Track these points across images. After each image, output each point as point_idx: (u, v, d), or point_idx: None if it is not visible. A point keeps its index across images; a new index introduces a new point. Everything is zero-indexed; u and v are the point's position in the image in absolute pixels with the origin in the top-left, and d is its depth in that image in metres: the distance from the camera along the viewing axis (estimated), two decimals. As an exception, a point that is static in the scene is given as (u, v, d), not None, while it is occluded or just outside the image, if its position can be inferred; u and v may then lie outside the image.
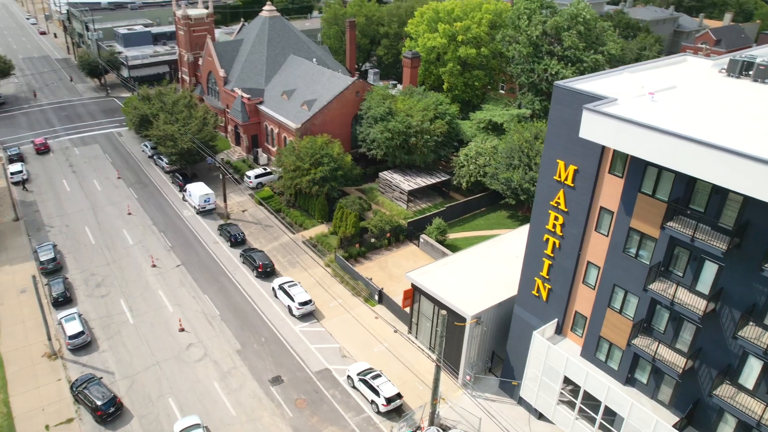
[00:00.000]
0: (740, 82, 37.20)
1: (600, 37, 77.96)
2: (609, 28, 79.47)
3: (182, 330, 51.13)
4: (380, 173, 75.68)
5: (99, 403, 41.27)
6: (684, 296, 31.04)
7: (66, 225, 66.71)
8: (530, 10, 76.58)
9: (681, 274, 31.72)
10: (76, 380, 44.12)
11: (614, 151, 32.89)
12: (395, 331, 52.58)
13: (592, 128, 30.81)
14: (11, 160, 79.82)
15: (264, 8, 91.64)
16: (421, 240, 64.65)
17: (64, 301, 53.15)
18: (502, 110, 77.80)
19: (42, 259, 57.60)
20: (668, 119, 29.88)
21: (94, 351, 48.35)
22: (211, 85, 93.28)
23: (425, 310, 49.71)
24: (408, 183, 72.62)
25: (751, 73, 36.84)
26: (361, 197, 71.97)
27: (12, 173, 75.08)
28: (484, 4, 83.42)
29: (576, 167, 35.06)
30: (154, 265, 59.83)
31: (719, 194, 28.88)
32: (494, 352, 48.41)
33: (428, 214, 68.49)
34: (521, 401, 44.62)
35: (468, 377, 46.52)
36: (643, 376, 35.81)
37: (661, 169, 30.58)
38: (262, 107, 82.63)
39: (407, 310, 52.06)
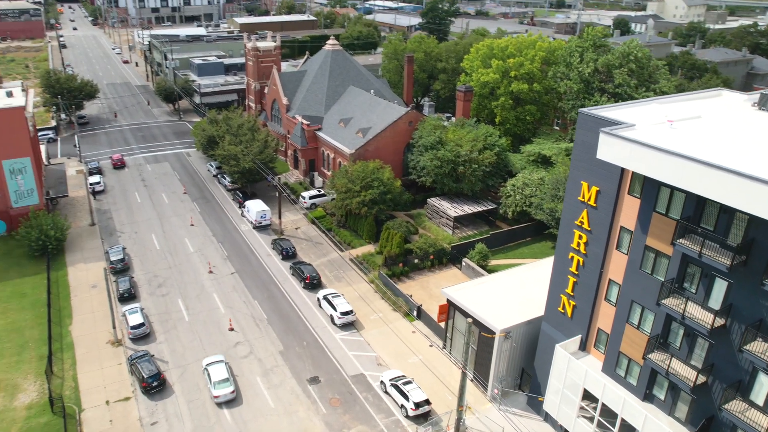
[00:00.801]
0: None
1: (653, 75, 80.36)
2: (663, 66, 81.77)
3: (232, 329, 56.09)
4: (429, 200, 79.71)
5: (145, 375, 47.32)
6: (695, 311, 33.30)
7: (135, 232, 73.88)
8: (582, 48, 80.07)
9: (694, 291, 34.03)
10: (131, 355, 50.49)
11: (633, 173, 35.90)
12: (431, 345, 55.74)
13: (608, 150, 34.10)
14: (91, 173, 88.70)
15: (328, 42, 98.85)
16: (464, 264, 67.87)
17: (129, 297, 59.36)
18: (552, 144, 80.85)
19: (112, 259, 64.41)
20: (681, 143, 32.84)
21: (152, 342, 53.86)
22: (275, 112, 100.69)
23: (459, 325, 52.77)
24: (454, 209, 76.28)
25: (779, 106, 39.21)
26: (409, 221, 76.07)
27: (91, 184, 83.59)
28: (538, 42, 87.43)
29: (598, 188, 38.15)
30: (210, 272, 65.59)
31: (727, 213, 31.42)
32: (524, 369, 50.76)
33: (472, 239, 71.78)
34: (547, 417, 46.71)
35: (496, 390, 49.05)
36: (660, 393, 37.71)
37: (672, 190, 33.40)
38: (320, 133, 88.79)
39: (442, 324, 55.25)
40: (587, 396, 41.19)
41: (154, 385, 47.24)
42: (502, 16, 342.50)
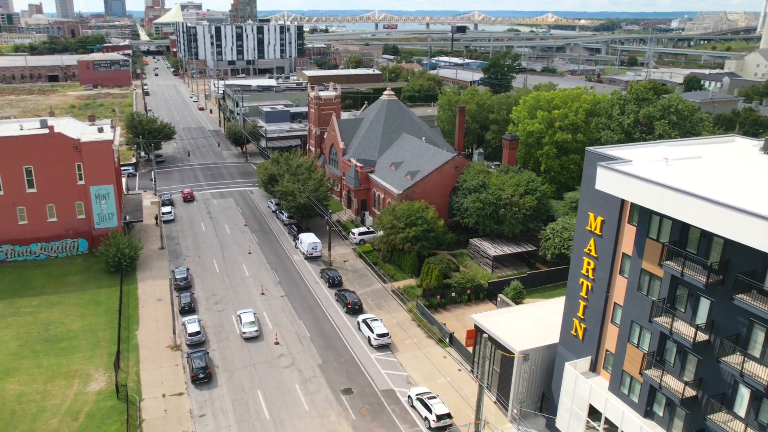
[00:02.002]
0: (769, 158, 44.20)
1: (696, 126, 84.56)
2: (706, 119, 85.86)
3: (277, 343, 62.98)
4: (471, 240, 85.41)
5: (195, 367, 55.22)
6: (682, 327, 37.65)
7: (198, 256, 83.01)
8: (623, 100, 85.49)
9: (683, 310, 38.46)
10: (189, 347, 58.71)
11: (631, 204, 41.14)
12: (459, 369, 60.63)
13: (604, 181, 39.72)
14: (164, 204, 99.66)
15: (384, 93, 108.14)
16: (499, 299, 72.74)
17: (188, 310, 67.58)
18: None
19: (177, 277, 73.26)
20: (669, 176, 38.06)
21: (206, 348, 61.29)
22: (333, 156, 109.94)
23: (485, 350, 57.66)
24: (494, 249, 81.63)
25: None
26: (451, 259, 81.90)
27: (163, 213, 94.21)
28: (583, 95, 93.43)
29: (603, 218, 43.44)
30: (263, 293, 73.27)
31: (706, 237, 36.20)
32: (544, 393, 54.85)
33: (509, 277, 76.69)
34: (561, 438, 50.52)
35: (515, 411, 53.31)
36: (659, 409, 41.54)
37: (661, 217, 38.46)
38: (372, 176, 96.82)
39: (470, 349, 60.18)
40: (595, 413, 45.17)
41: (201, 377, 55.18)
42: (570, 73, 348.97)
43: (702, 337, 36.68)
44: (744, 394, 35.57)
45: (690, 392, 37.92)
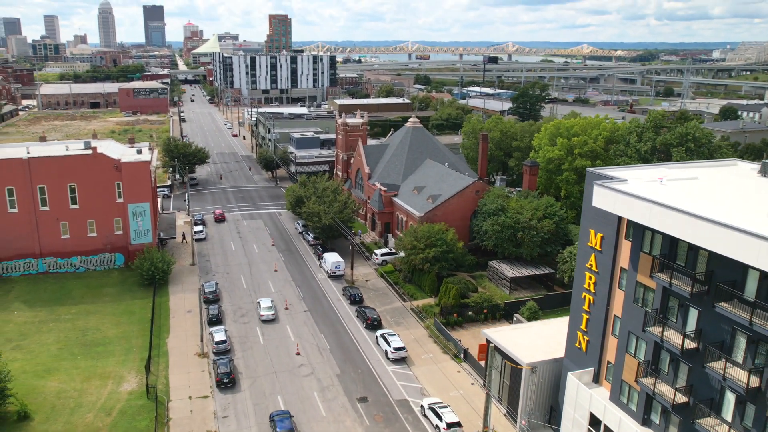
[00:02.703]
0: (765, 180, 47.09)
1: (714, 154, 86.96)
2: (725, 146, 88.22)
3: (298, 354, 66.91)
4: (490, 262, 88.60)
5: (220, 372, 59.54)
6: (672, 335, 40.52)
7: (227, 272, 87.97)
8: (641, 127, 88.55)
9: (674, 320, 41.33)
10: (216, 355, 62.79)
11: (627, 220, 44.40)
12: (472, 384, 63.57)
13: (600, 198, 43.18)
14: (196, 223, 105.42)
15: (409, 120, 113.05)
16: (514, 318, 75.58)
17: (216, 321, 72.13)
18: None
19: (206, 290, 78.17)
20: (660, 194, 41.33)
21: (231, 356, 65.53)
22: (358, 180, 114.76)
23: (496, 364, 60.61)
24: (512, 271, 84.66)
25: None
26: (470, 280, 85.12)
27: (195, 232, 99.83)
28: (602, 122, 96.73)
29: (602, 234, 46.71)
30: (287, 308, 77.54)
31: (692, 250, 39.26)
32: (552, 406, 57.41)
33: (525, 298, 79.54)
34: (567, 449, 52.95)
35: (524, 422, 55.98)
36: (656, 417, 44.10)
37: (653, 232, 41.66)
38: (395, 199, 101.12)
39: (482, 363, 63.12)
40: (598, 423, 47.74)
41: (225, 382, 59.31)
42: (603, 103, 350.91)
43: (690, 344, 39.45)
44: (730, 399, 38.13)
45: (681, 398, 40.53)
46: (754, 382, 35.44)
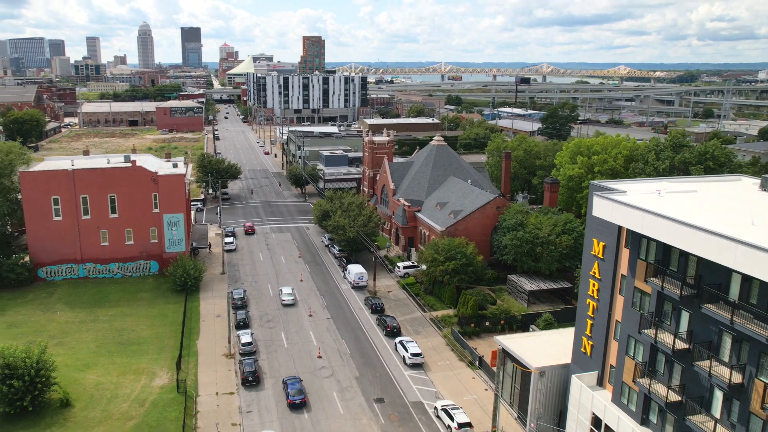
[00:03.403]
0: (764, 194, 50.01)
1: (734, 173, 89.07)
2: (744, 166, 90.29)
3: (320, 357, 71.06)
4: (509, 276, 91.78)
5: (245, 371, 63.90)
6: (665, 337, 43.58)
7: (255, 281, 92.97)
8: (660, 146, 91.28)
9: (668, 322, 44.40)
10: (242, 356, 67.41)
11: (627, 230, 47.74)
12: (486, 389, 66.75)
13: (599, 208, 46.73)
14: (227, 235, 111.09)
15: (434, 138, 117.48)
16: (530, 329, 78.56)
17: (243, 325, 76.87)
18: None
19: (234, 297, 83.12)
20: (654, 204, 44.71)
21: (256, 357, 70.04)
22: (384, 196, 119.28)
23: (508, 369, 63.80)
24: (531, 285, 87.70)
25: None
26: (489, 293, 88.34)
27: (226, 243, 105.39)
28: (623, 141, 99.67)
29: (604, 243, 50.08)
30: (310, 315, 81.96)
31: (684, 256, 42.46)
32: (561, 411, 60.25)
33: (541, 311, 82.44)
34: (573, 451, 55.76)
35: (533, 425, 58.95)
36: (654, 417, 46.93)
37: (648, 240, 44.96)
38: (419, 214, 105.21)
39: (495, 369, 66.29)
40: (599, 424, 50.62)
41: (250, 380, 63.77)
42: (637, 125, 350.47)
43: (681, 345, 42.48)
44: (718, 397, 40.97)
45: (674, 397, 43.43)
46: (737, 378, 38.35)
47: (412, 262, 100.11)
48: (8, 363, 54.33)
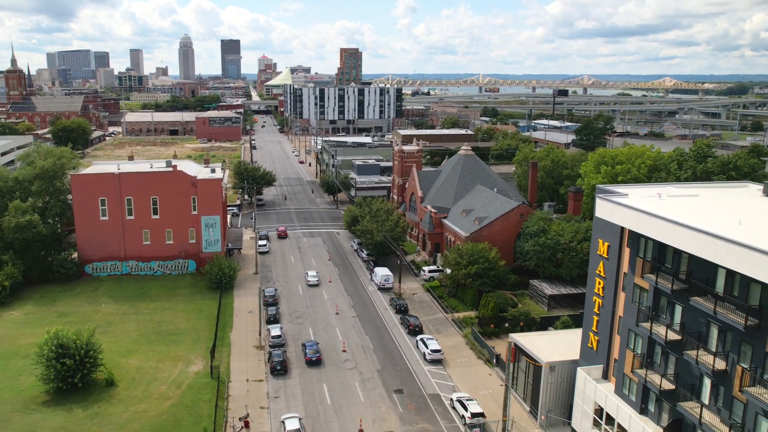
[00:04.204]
0: (765, 199, 53.44)
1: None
2: None
3: (344, 351, 76.15)
4: (531, 281, 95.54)
5: (274, 361, 69.32)
6: (659, 329, 47.37)
7: (286, 281, 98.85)
8: (683, 156, 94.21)
9: (664, 316, 48.19)
10: (271, 347, 72.96)
11: (629, 230, 51.69)
12: (501, 385, 70.74)
13: (602, 209, 50.93)
14: (260, 238, 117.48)
15: (462, 148, 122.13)
16: (549, 331, 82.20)
17: (273, 320, 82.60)
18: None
19: (266, 294, 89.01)
20: (651, 206, 48.66)
21: (284, 349, 75.54)
22: (412, 203, 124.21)
23: (522, 366, 67.79)
24: (551, 289, 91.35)
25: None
26: (511, 297, 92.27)
27: (259, 245, 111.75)
28: (646, 152, 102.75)
29: (608, 243, 54.08)
30: (337, 313, 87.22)
31: (677, 254, 46.31)
32: (571, 405, 63.89)
33: (560, 314, 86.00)
34: (580, 441, 59.44)
35: (543, 417, 62.80)
36: (652, 406, 50.57)
37: (645, 239, 48.89)
38: (445, 221, 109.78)
39: (510, 365, 70.27)
40: (606, 420, 54.33)
41: (278, 369, 69.20)
42: (679, 138, 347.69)
43: (673, 336, 46.26)
44: (707, 384, 44.60)
45: (667, 385, 47.12)
46: (720, 365, 42.03)
47: (437, 267, 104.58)
48: (62, 343, 60.91)
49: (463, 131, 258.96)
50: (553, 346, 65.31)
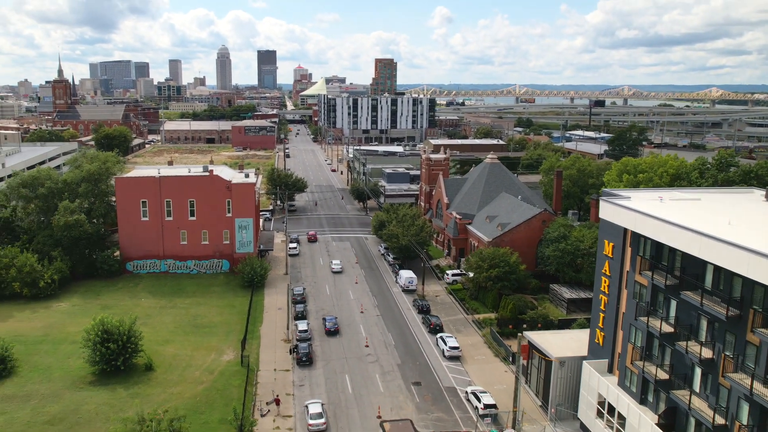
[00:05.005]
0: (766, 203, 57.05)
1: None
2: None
3: (367, 346, 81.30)
4: (551, 285, 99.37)
5: (301, 353, 74.89)
6: (656, 323, 51.31)
7: (314, 282, 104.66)
8: (704, 165, 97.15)
9: (661, 311, 52.15)
10: (298, 341, 78.40)
11: (631, 231, 55.77)
12: (516, 379, 74.88)
13: (605, 211, 55.26)
14: (291, 241, 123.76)
15: (488, 156, 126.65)
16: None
17: (301, 317, 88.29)
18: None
19: (295, 293, 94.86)
20: (651, 208, 52.76)
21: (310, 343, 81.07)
22: (438, 210, 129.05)
23: (535, 362, 71.93)
24: (570, 293, 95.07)
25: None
26: (531, 300, 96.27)
27: (290, 248, 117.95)
28: (669, 161, 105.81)
29: (613, 244, 58.20)
30: (362, 312, 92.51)
31: (673, 252, 50.34)
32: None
33: (578, 317, 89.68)
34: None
35: (553, 410, 66.82)
36: (650, 396, 54.40)
37: (644, 239, 52.99)
38: (469, 227, 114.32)
39: (524, 363, 74.45)
40: (608, 410, 58.20)
41: (304, 360, 74.82)
42: (723, 149, 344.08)
43: (667, 328, 50.20)
44: (698, 373, 48.44)
45: (662, 374, 50.99)
46: (707, 353, 45.90)
47: (460, 270, 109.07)
48: (106, 329, 67.53)
49: (494, 141, 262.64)
50: (565, 343, 69.32)
